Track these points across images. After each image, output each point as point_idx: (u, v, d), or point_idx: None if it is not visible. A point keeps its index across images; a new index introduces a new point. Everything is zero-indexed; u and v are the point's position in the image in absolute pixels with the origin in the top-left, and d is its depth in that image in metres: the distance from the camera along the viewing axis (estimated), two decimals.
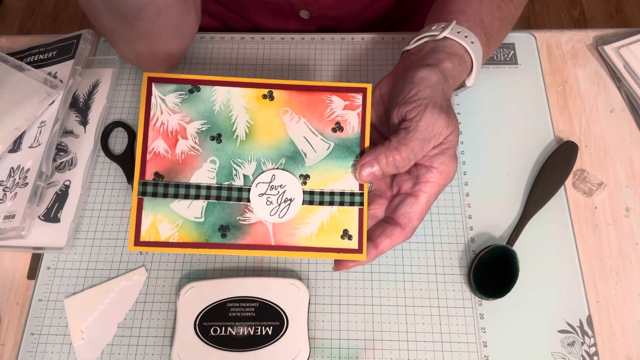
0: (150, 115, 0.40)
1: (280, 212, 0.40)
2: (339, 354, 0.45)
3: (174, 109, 0.40)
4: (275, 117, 0.41)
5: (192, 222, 0.40)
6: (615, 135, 0.54)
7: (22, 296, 0.48)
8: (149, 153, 0.40)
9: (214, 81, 0.41)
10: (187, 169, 0.40)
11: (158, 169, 0.40)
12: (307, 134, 0.41)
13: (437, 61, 0.42)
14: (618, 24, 1.61)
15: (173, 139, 0.40)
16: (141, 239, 0.39)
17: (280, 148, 0.40)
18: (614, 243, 0.49)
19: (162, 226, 0.39)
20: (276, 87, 0.41)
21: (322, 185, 0.40)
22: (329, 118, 0.41)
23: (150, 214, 0.39)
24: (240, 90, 0.41)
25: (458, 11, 0.46)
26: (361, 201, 0.40)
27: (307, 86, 0.41)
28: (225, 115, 0.41)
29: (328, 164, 0.41)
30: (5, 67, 0.54)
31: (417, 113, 0.39)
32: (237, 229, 0.40)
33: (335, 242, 0.40)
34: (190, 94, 0.41)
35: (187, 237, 0.39)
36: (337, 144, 0.41)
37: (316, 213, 0.40)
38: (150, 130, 0.40)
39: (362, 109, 0.41)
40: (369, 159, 0.39)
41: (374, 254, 0.40)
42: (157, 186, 0.39)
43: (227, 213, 0.40)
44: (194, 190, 0.40)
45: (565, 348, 0.45)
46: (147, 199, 0.39)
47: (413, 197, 0.40)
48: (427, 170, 0.40)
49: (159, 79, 0.40)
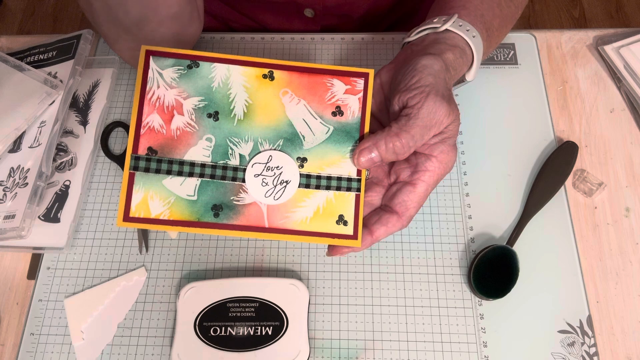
0: (147, 89, 0.39)
1: (276, 194, 0.39)
2: (339, 354, 0.45)
3: (171, 84, 0.39)
4: (275, 98, 0.40)
5: (185, 200, 0.38)
6: (615, 135, 0.54)
7: (22, 296, 0.48)
8: (143, 127, 0.39)
9: (214, 58, 0.40)
10: (182, 145, 0.39)
11: (152, 143, 0.39)
12: (306, 116, 0.40)
13: (439, 51, 0.41)
14: (618, 24, 1.61)
15: (169, 114, 0.39)
16: (131, 214, 0.38)
17: (279, 129, 0.40)
18: (614, 243, 0.49)
19: (153, 202, 0.38)
20: (277, 67, 0.40)
21: (320, 169, 0.40)
22: (329, 101, 0.40)
23: (141, 189, 0.38)
24: (240, 68, 0.40)
25: (459, 6, 0.46)
26: (358, 187, 0.40)
27: (309, 68, 0.40)
28: (223, 93, 0.40)
29: (326, 148, 0.40)
30: (5, 67, 0.54)
31: (418, 100, 0.38)
32: (231, 209, 0.39)
33: (330, 227, 0.39)
34: (188, 69, 0.40)
35: (178, 215, 0.38)
36: (337, 128, 0.40)
37: (312, 197, 0.39)
38: (146, 104, 0.39)
39: (364, 94, 0.40)
40: (368, 144, 0.38)
41: (369, 240, 0.40)
42: (150, 161, 0.38)
43: (220, 192, 0.39)
44: (187, 167, 0.38)
45: (565, 348, 0.45)
46: (138, 174, 0.38)
47: (411, 186, 0.40)
48: (426, 159, 0.40)
49: (158, 52, 0.39)
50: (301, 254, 0.49)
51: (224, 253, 0.49)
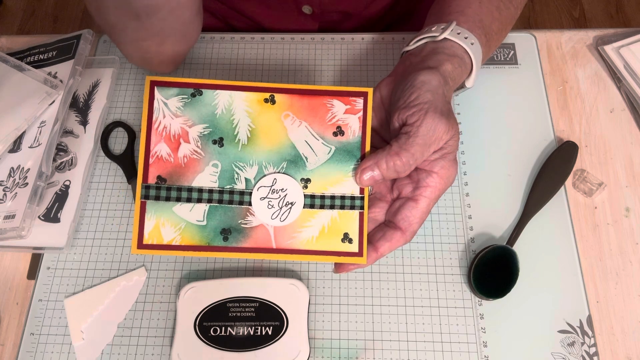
0: (153, 119, 0.40)
1: (282, 216, 0.40)
2: (339, 354, 0.45)
3: (176, 113, 0.41)
4: (277, 121, 0.41)
5: (195, 226, 0.40)
6: (615, 135, 0.54)
7: (22, 296, 0.48)
8: (151, 157, 0.40)
9: (216, 85, 0.41)
10: (190, 172, 0.40)
11: (161, 172, 0.40)
12: (308, 138, 0.41)
13: (438, 63, 0.42)
14: (618, 24, 1.61)
15: (175, 142, 0.40)
16: (144, 242, 0.39)
17: (282, 152, 0.41)
18: (614, 243, 0.49)
19: (165, 229, 0.40)
20: (277, 91, 0.41)
21: (323, 189, 0.41)
22: (330, 122, 0.41)
23: (152, 217, 0.40)
24: (242, 94, 0.41)
25: (458, 12, 0.46)
26: (361, 205, 0.40)
27: (309, 90, 0.41)
28: (227, 119, 0.41)
29: (329, 168, 0.41)
30: (5, 67, 0.54)
31: (417, 118, 0.39)
32: (239, 232, 0.40)
33: (336, 245, 0.40)
34: (192, 97, 0.41)
35: (189, 240, 0.40)
36: (338, 148, 0.41)
37: (317, 216, 0.40)
38: (153, 134, 0.40)
39: (363, 113, 0.41)
40: (369, 163, 0.39)
41: (374, 257, 0.40)
42: (160, 190, 0.40)
43: (228, 216, 0.40)
44: (196, 193, 0.40)
45: (566, 348, 0.45)
46: (149, 202, 0.40)
47: (413, 202, 0.40)
48: (427, 175, 0.40)
49: (162, 82, 0.41)
50: None
51: None
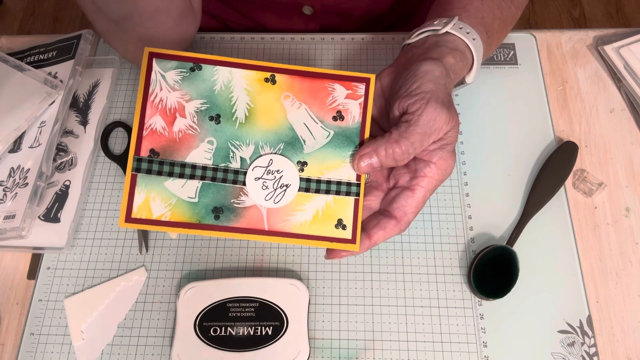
0: (149, 91, 0.39)
1: (276, 198, 0.39)
2: (339, 354, 0.45)
3: (173, 86, 0.40)
4: (276, 102, 0.40)
5: (186, 202, 0.39)
6: (615, 135, 0.54)
7: (22, 296, 0.48)
8: (145, 129, 0.39)
9: (217, 61, 0.40)
10: (184, 147, 0.39)
11: (154, 145, 0.39)
12: (307, 120, 0.40)
13: (440, 55, 0.42)
14: (618, 24, 1.61)
15: (171, 116, 0.39)
16: (132, 215, 0.38)
17: (280, 133, 0.40)
18: (614, 243, 0.49)
19: (155, 204, 0.39)
20: (279, 71, 0.40)
21: (319, 174, 0.40)
22: (330, 106, 0.40)
23: (143, 191, 0.39)
24: (243, 71, 0.40)
25: (460, 8, 0.46)
26: (357, 192, 0.40)
27: (310, 72, 0.40)
28: (225, 96, 0.40)
29: (326, 152, 0.40)
30: (5, 67, 0.54)
31: (419, 106, 0.38)
32: (231, 212, 0.39)
33: (329, 231, 0.39)
34: (191, 72, 0.40)
35: (179, 217, 0.39)
36: (337, 133, 0.40)
37: (312, 201, 0.40)
38: (149, 106, 0.39)
39: (364, 99, 0.41)
40: (368, 150, 0.39)
41: (367, 244, 0.40)
42: (152, 163, 0.39)
43: (221, 195, 0.39)
44: (189, 169, 0.39)
45: (565, 348, 0.45)
46: (140, 175, 0.39)
47: (410, 191, 0.40)
48: (425, 165, 0.40)
49: (161, 54, 0.40)
50: (301, 254, 0.49)
51: (224, 253, 0.49)
